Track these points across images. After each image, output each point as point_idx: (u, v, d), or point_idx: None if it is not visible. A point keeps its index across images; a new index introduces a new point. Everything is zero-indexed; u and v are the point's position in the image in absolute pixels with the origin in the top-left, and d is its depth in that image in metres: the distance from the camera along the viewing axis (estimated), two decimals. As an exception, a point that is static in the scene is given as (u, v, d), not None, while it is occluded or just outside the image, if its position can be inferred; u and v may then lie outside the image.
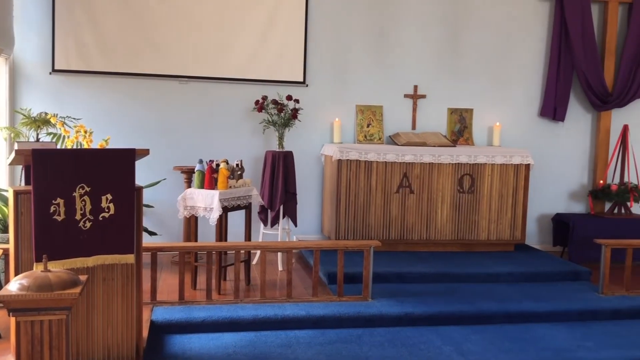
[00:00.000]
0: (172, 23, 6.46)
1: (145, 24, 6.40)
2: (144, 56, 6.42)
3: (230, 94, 6.67)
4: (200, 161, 5.25)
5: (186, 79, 6.55)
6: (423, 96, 6.98)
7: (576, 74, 7.12)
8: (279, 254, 6.07)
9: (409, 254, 6.28)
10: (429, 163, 6.34)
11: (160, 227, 6.40)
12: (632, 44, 7.09)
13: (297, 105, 6.27)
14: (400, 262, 5.91)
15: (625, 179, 7.12)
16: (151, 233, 5.99)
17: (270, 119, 6.20)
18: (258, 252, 6.07)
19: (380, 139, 6.81)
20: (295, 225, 6.27)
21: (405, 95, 6.97)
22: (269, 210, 6.07)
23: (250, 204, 5.51)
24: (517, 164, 6.49)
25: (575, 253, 6.56)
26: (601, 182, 7.13)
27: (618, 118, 7.26)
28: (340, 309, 4.63)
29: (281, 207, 6.04)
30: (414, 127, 6.97)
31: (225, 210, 5.19)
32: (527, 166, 6.52)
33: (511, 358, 4.03)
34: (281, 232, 6.10)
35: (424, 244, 6.42)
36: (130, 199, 3.49)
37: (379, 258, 5.59)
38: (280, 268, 5.98)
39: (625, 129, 7.17)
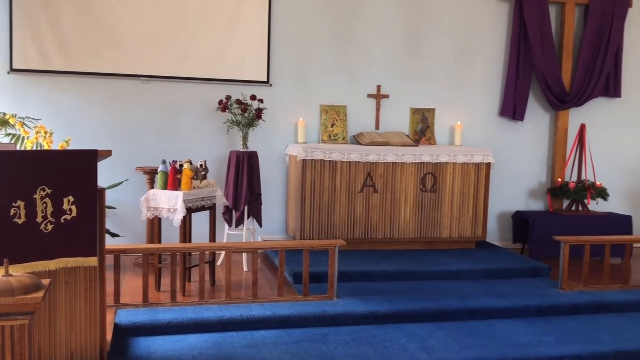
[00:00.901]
0: (134, 21, 6.38)
1: (106, 22, 6.31)
2: (105, 55, 6.32)
3: (194, 94, 6.63)
4: (164, 162, 5.20)
5: (148, 79, 6.48)
6: (386, 96, 7.05)
7: (535, 74, 7.27)
8: (244, 254, 6.05)
9: (373, 252, 6.34)
10: (393, 162, 6.40)
11: (122, 229, 6.31)
12: (588, 44, 7.28)
13: (261, 105, 6.27)
14: (364, 260, 5.96)
15: (583, 177, 7.31)
16: (113, 235, 5.92)
17: (234, 119, 6.18)
18: (223, 252, 6.04)
19: (344, 138, 6.85)
20: (260, 226, 6.27)
21: (369, 95, 7.03)
22: (233, 211, 6.05)
23: (214, 204, 5.49)
24: (478, 163, 6.61)
25: (534, 249, 6.71)
26: (559, 180, 7.31)
27: (575, 117, 7.45)
28: (305, 308, 4.65)
29: (246, 208, 6.03)
30: (377, 127, 7.03)
31: (189, 211, 5.16)
32: (488, 165, 6.64)
33: (474, 354, 4.10)
34: (246, 233, 6.09)
35: (387, 242, 6.49)
36: (92, 200, 3.44)
37: (344, 257, 5.63)
38: (245, 268, 5.97)
39: (582, 128, 7.36)
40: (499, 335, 4.46)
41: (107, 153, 3.57)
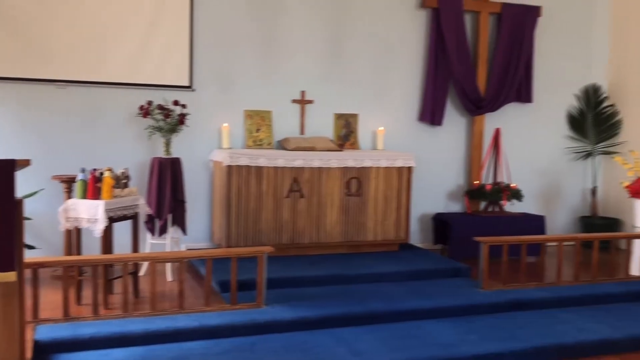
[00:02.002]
0: (48, 24, 6.12)
1: (19, 25, 6.01)
2: (18, 59, 6.03)
3: (113, 99, 6.43)
4: (83, 170, 5.01)
5: (64, 83, 6.22)
6: (310, 101, 7.09)
7: (452, 80, 7.52)
8: (168, 264, 5.91)
9: (300, 257, 6.35)
10: (318, 167, 6.44)
11: (39, 241, 6.02)
12: (501, 52, 7.61)
13: (184, 111, 6.15)
14: (292, 266, 5.97)
15: (498, 179, 7.62)
16: (30, 247, 5.63)
17: (157, 125, 6.03)
18: (146, 263, 5.88)
19: (269, 144, 6.83)
20: (185, 234, 6.14)
21: (293, 101, 7.05)
22: (156, 220, 5.90)
23: (137, 213, 5.34)
24: (400, 167, 6.76)
25: (454, 250, 6.92)
26: (476, 182, 7.59)
27: (490, 122, 7.75)
28: (233, 317, 4.60)
29: (169, 216, 5.90)
30: (302, 132, 7.06)
31: (111, 220, 5.00)
32: (410, 169, 6.80)
33: (402, 355, 4.19)
34: (170, 242, 5.96)
35: (314, 247, 6.53)
36: (10, 212, 3.27)
37: (271, 263, 5.59)
38: (169, 279, 5.84)
39: (497, 132, 7.68)
40: (425, 335, 4.57)
41: (26, 163, 3.42)
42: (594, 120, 8.11)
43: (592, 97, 8.13)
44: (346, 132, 7.20)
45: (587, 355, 4.49)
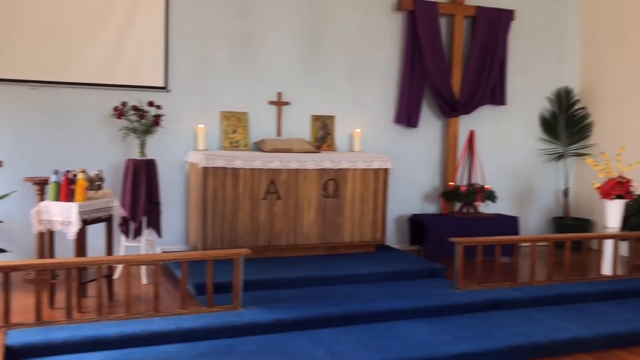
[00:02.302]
0: (21, 24, 6.03)
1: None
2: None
3: (87, 100, 6.35)
4: (56, 172, 4.94)
5: (37, 84, 6.13)
6: (287, 103, 7.08)
7: (427, 83, 7.57)
8: (143, 266, 5.86)
9: (277, 259, 6.34)
10: (295, 169, 6.44)
11: (10, 244, 5.92)
12: (475, 55, 7.69)
13: (160, 112, 6.10)
14: (269, 268, 5.96)
15: (473, 181, 7.70)
16: (1, 250, 5.54)
17: (131, 126, 5.98)
18: (120, 266, 5.82)
19: (246, 145, 6.81)
20: (160, 237, 6.09)
21: (270, 102, 7.03)
22: (131, 222, 5.84)
23: (111, 215, 5.28)
24: (377, 169, 6.79)
25: (430, 251, 6.97)
26: (451, 184, 7.66)
27: (465, 124, 7.83)
28: (210, 320, 4.57)
29: (144, 218, 5.84)
30: (279, 134, 7.05)
31: (85, 223, 4.93)
32: (386, 170, 6.84)
33: (379, 356, 4.20)
34: (145, 244, 5.90)
35: (291, 249, 6.52)
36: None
37: (248, 265, 5.57)
38: (144, 281, 5.79)
39: (471, 134, 7.76)
40: (401, 336, 4.59)
41: (-3, 164, 3.35)
42: (566, 123, 8.24)
43: (564, 100, 8.26)
44: (323, 134, 7.21)
45: (559, 354, 4.56)
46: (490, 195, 7.46)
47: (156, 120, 6.00)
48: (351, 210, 6.69)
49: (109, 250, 5.28)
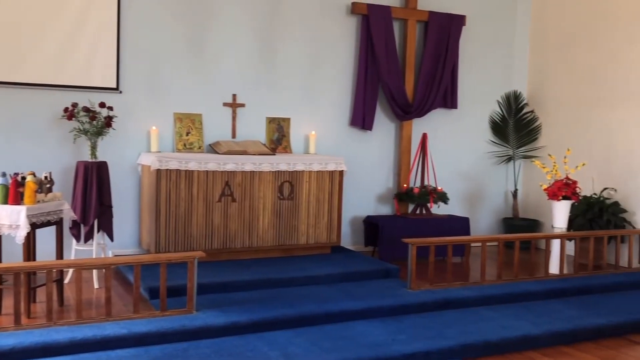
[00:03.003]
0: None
1: None
2: None
3: (36, 101, 6.20)
4: (4, 174, 4.82)
5: (-18, 84, 5.96)
6: (242, 105, 7.06)
7: (381, 86, 7.66)
8: (94, 270, 5.75)
9: (232, 262, 6.31)
10: (251, 171, 6.43)
11: (-47, 248, 5.73)
12: (428, 59, 7.82)
13: (111, 113, 6.00)
14: (224, 271, 5.92)
15: (426, 183, 7.83)
16: (-56, 255, 5.35)
17: (82, 128, 5.86)
18: (71, 270, 5.70)
19: (200, 147, 6.76)
20: (112, 240, 5.99)
21: (225, 104, 7.00)
22: (81, 225, 5.73)
23: (61, 219, 5.17)
24: (332, 171, 6.84)
25: (384, 252, 7.06)
26: (405, 185, 7.76)
27: (418, 127, 7.95)
28: (163, 324, 4.53)
29: (95, 221, 5.74)
30: (234, 136, 7.02)
31: (34, 227, 4.83)
32: (341, 172, 6.90)
33: (333, 357, 4.23)
34: (96, 248, 5.80)
35: (247, 251, 6.50)
36: None
37: (202, 268, 5.54)
38: (96, 286, 5.68)
39: (424, 137, 7.88)
40: (356, 336, 4.64)
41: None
42: (514, 126, 8.46)
43: (513, 104, 8.48)
44: (278, 136, 7.22)
45: (510, 351, 4.68)
46: (442, 197, 7.59)
47: (108, 122, 5.91)
48: (307, 212, 6.72)
49: (59, 254, 5.17)
